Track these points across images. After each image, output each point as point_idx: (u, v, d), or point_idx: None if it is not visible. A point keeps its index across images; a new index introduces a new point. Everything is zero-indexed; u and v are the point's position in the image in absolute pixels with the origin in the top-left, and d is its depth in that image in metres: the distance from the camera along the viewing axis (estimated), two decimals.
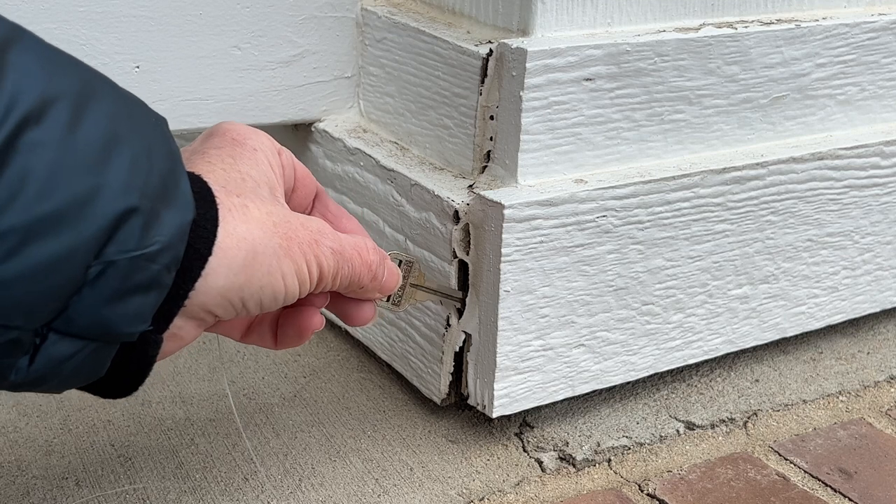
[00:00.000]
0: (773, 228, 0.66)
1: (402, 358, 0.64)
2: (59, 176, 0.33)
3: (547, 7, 0.57)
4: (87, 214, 0.34)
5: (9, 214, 0.32)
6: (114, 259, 0.35)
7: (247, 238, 0.40)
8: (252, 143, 0.45)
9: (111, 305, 0.36)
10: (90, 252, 0.34)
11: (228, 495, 0.55)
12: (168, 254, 0.37)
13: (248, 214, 0.41)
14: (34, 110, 0.33)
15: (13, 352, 0.34)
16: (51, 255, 0.33)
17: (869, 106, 0.70)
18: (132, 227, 0.35)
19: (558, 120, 0.57)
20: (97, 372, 0.38)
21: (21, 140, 0.32)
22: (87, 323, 0.35)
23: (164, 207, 0.37)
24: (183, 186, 0.38)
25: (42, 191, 0.33)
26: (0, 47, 0.33)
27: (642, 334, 0.63)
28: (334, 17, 0.67)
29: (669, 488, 0.58)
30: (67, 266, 0.34)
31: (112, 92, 0.37)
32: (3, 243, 0.32)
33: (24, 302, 0.33)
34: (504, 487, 0.58)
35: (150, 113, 0.39)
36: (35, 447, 0.58)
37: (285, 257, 0.43)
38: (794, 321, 0.70)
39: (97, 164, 0.34)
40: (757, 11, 0.65)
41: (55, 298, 0.34)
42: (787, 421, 0.66)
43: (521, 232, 0.55)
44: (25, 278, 0.33)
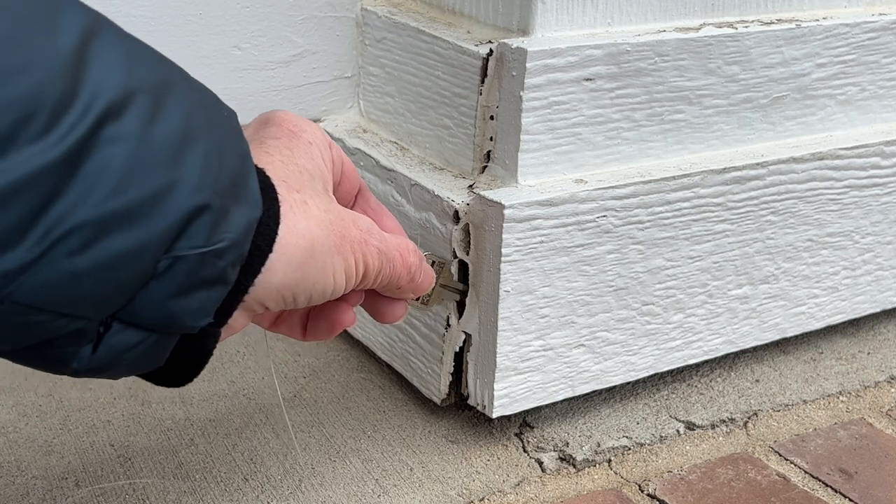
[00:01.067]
0: (774, 228, 0.66)
1: (402, 358, 0.64)
2: (136, 171, 0.33)
3: (547, 7, 0.57)
4: (160, 210, 0.34)
5: (86, 207, 0.32)
6: (183, 254, 0.35)
7: (306, 235, 0.41)
8: (307, 135, 0.45)
9: (177, 299, 0.36)
10: (161, 247, 0.34)
11: (228, 495, 0.55)
12: (235, 251, 0.37)
13: (307, 211, 0.41)
14: (115, 105, 0.33)
15: (78, 340, 0.35)
16: (123, 249, 0.33)
17: (869, 106, 0.70)
18: (202, 223, 0.35)
19: (558, 120, 0.57)
20: (157, 361, 0.38)
21: (102, 133, 0.32)
22: (152, 315, 0.36)
23: (234, 204, 0.37)
24: (252, 184, 0.38)
25: (118, 186, 0.33)
26: (83, 39, 0.33)
27: (642, 334, 0.63)
28: (334, 16, 0.67)
29: (669, 488, 0.58)
30: (138, 260, 0.34)
31: (188, 86, 0.37)
32: (77, 236, 0.32)
33: (93, 293, 0.33)
34: (504, 488, 0.57)
35: (223, 108, 0.39)
36: (35, 447, 0.58)
37: (338, 255, 0.43)
38: (795, 321, 0.70)
39: (172, 160, 0.34)
40: (757, 11, 0.65)
41: (123, 291, 0.34)
42: (787, 421, 0.66)
43: (522, 232, 0.55)
44: (97, 271, 0.33)
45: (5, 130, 0.30)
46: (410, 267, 0.49)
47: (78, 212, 0.32)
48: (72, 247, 0.32)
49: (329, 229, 0.42)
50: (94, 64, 0.33)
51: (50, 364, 0.36)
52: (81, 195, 0.32)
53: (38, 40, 0.31)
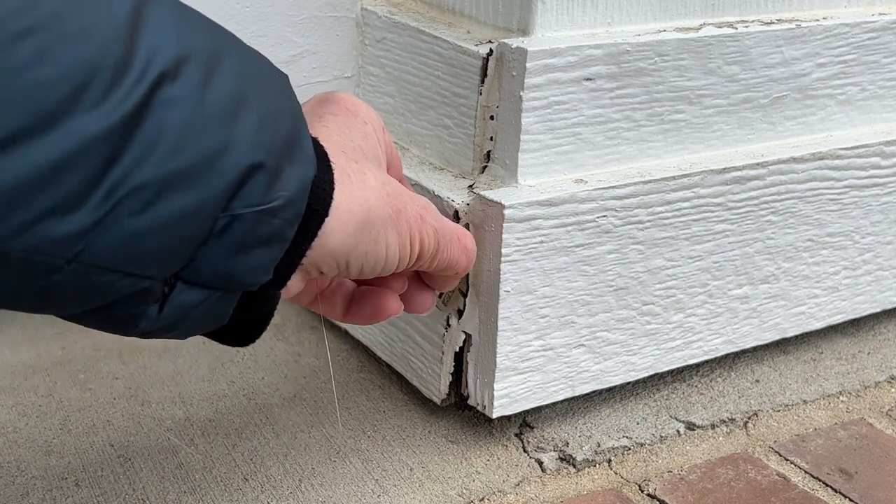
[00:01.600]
0: (774, 228, 0.65)
1: (402, 358, 0.64)
2: (192, 132, 0.34)
3: (547, 7, 0.57)
4: (217, 170, 0.35)
5: (145, 169, 0.33)
6: (240, 213, 0.36)
7: (363, 204, 0.42)
8: (363, 115, 0.46)
9: (236, 257, 0.37)
10: (218, 206, 0.35)
11: (228, 495, 0.55)
12: (290, 209, 0.38)
13: (365, 181, 0.42)
14: (170, 67, 0.34)
15: (145, 300, 0.36)
16: (182, 209, 0.34)
17: (869, 106, 0.70)
18: (258, 182, 0.36)
19: (558, 120, 0.57)
20: (221, 319, 0.40)
21: (157, 96, 0.33)
22: (213, 273, 0.37)
23: (288, 164, 0.38)
24: (305, 144, 0.39)
25: (176, 146, 0.34)
26: (136, 5, 0.34)
27: (642, 334, 0.63)
28: (334, 16, 0.67)
29: (670, 488, 0.58)
30: (197, 219, 0.35)
31: (240, 50, 0.38)
32: (138, 197, 0.33)
33: (156, 252, 0.35)
34: (504, 488, 0.57)
35: (275, 71, 0.40)
36: (34, 447, 0.58)
37: (392, 228, 0.44)
38: (795, 321, 0.70)
39: (227, 121, 0.35)
40: (757, 11, 0.65)
41: (184, 249, 0.36)
42: (787, 421, 0.66)
43: (522, 232, 0.55)
44: (158, 230, 0.34)
45: (65, 97, 0.31)
46: (469, 251, 0.50)
47: (138, 173, 0.33)
48: (133, 207, 0.33)
49: (386, 201, 0.43)
50: (148, 30, 0.33)
51: (119, 325, 0.37)
52: (140, 157, 0.33)
53: (93, 7, 0.32)
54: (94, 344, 0.70)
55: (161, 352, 0.69)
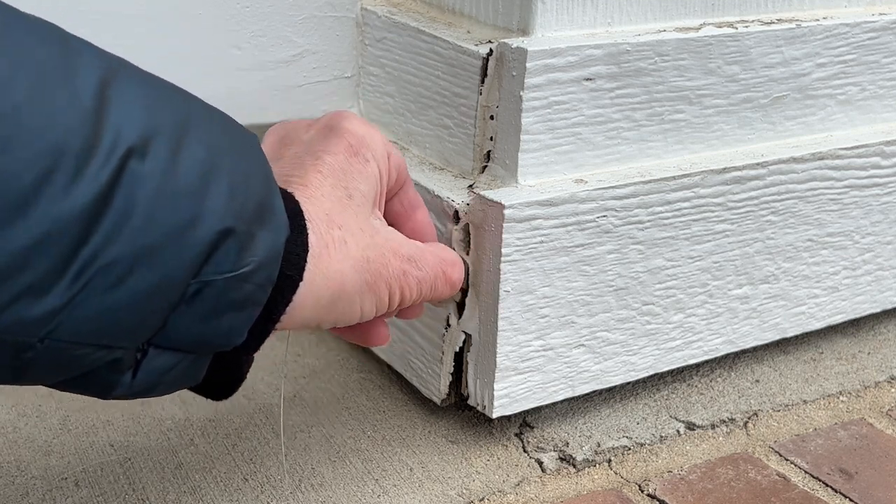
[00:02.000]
0: (774, 228, 0.65)
1: (401, 358, 0.64)
2: (162, 207, 0.34)
3: (547, 7, 0.57)
4: (188, 241, 0.35)
5: (115, 246, 0.33)
6: (211, 279, 0.36)
7: (337, 279, 0.43)
8: (366, 152, 0.46)
9: (208, 321, 0.37)
10: (189, 274, 0.36)
11: (228, 495, 0.55)
12: (261, 273, 0.38)
13: (345, 251, 0.43)
14: (137, 144, 0.34)
15: (119, 369, 0.37)
16: (154, 280, 0.35)
17: (869, 106, 0.70)
18: (228, 248, 0.37)
19: (558, 120, 0.57)
20: (194, 380, 0.40)
21: (125, 174, 0.33)
22: (185, 338, 0.37)
23: (259, 229, 0.38)
24: (277, 208, 0.39)
25: (145, 222, 0.34)
26: (101, 85, 0.34)
27: (642, 334, 0.63)
28: (334, 16, 0.67)
29: (670, 488, 0.58)
30: (169, 289, 0.35)
31: (208, 118, 0.38)
32: (109, 274, 0.34)
33: (128, 323, 0.35)
34: (504, 488, 0.57)
35: (244, 134, 0.40)
36: (34, 447, 0.58)
37: (369, 293, 0.45)
38: (795, 321, 0.70)
39: (197, 193, 0.36)
40: (757, 11, 0.65)
41: (156, 317, 0.36)
42: (787, 421, 0.66)
43: (522, 232, 0.55)
44: (130, 304, 0.35)
45: (34, 182, 0.31)
46: (455, 283, 0.51)
47: (108, 251, 0.33)
48: (104, 284, 0.34)
49: (365, 268, 0.44)
50: (114, 109, 0.34)
51: (94, 391, 0.38)
52: (110, 235, 0.33)
53: (58, 91, 0.33)
54: None
55: None
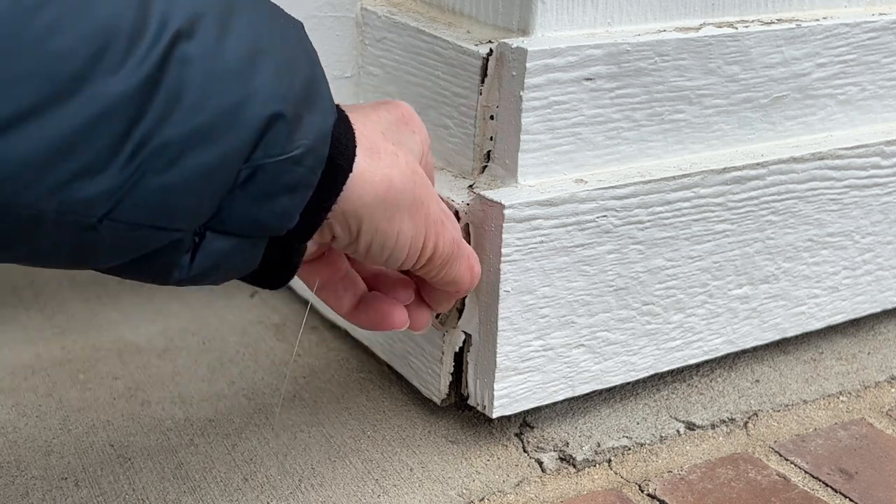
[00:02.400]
0: (774, 228, 0.65)
1: (402, 358, 0.64)
2: (211, 88, 0.35)
3: (547, 7, 0.57)
4: (237, 123, 0.36)
5: (167, 127, 0.34)
6: (262, 163, 0.37)
7: (385, 179, 0.43)
8: (415, 126, 0.47)
9: (261, 205, 0.38)
10: (241, 158, 0.37)
11: (228, 495, 0.55)
12: (312, 156, 0.39)
13: (395, 161, 0.43)
14: (185, 26, 0.35)
15: (177, 251, 0.38)
16: (206, 163, 0.36)
17: (869, 106, 0.70)
18: (278, 132, 0.37)
19: (558, 120, 0.57)
20: (251, 264, 0.41)
21: (174, 56, 0.34)
22: (240, 221, 0.38)
23: (307, 112, 0.39)
24: (324, 91, 0.40)
25: (196, 103, 0.35)
26: None
27: (642, 334, 0.63)
28: (334, 16, 0.67)
29: (670, 488, 0.58)
30: (221, 172, 0.36)
31: (252, 2, 0.39)
32: (163, 155, 0.35)
33: (183, 206, 0.36)
34: (504, 488, 0.57)
35: (289, 20, 0.41)
36: (34, 447, 0.58)
37: (409, 217, 0.45)
38: (795, 321, 0.70)
39: (244, 74, 0.36)
40: (757, 11, 0.65)
41: (210, 201, 0.37)
42: (787, 421, 0.66)
43: (522, 232, 0.55)
44: (184, 185, 0.35)
45: (84, 64, 0.32)
46: (474, 274, 0.51)
47: (161, 132, 0.34)
48: (159, 165, 0.34)
49: (411, 185, 0.44)
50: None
51: (154, 275, 0.39)
52: (162, 116, 0.34)
53: None
54: (93, 344, 0.70)
55: (161, 352, 0.69)
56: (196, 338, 0.71)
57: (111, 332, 0.71)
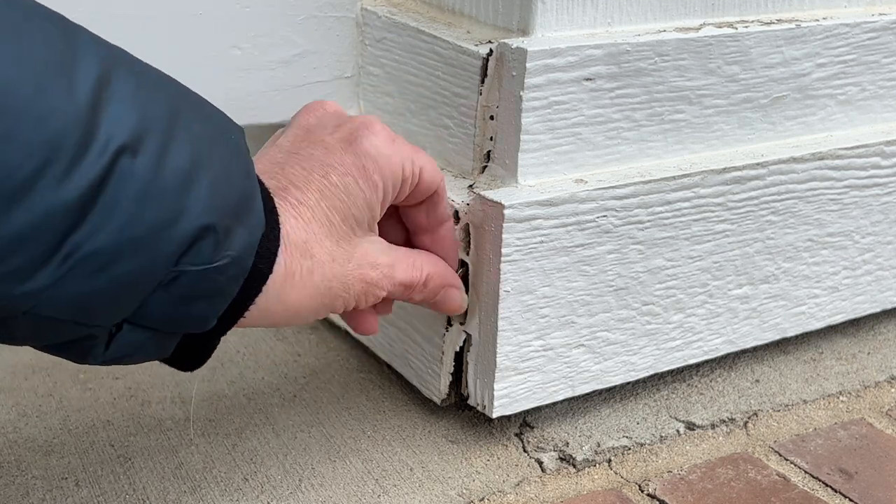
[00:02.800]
0: (774, 228, 0.65)
1: (402, 358, 0.64)
2: (147, 204, 0.36)
3: (547, 7, 0.57)
4: (168, 237, 0.37)
5: (99, 237, 0.36)
6: (186, 269, 0.39)
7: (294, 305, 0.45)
8: (377, 178, 0.48)
9: (180, 306, 0.40)
10: (168, 265, 0.38)
11: (228, 495, 0.55)
12: (235, 266, 0.40)
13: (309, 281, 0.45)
14: (129, 142, 0.36)
15: (92, 341, 0.39)
16: (133, 271, 0.37)
17: (869, 106, 0.70)
18: (207, 243, 0.39)
19: (558, 120, 0.57)
20: (163, 353, 0.43)
21: (116, 171, 0.35)
22: (158, 318, 0.40)
23: (237, 224, 0.40)
24: (256, 206, 0.42)
25: (130, 218, 0.36)
26: (98, 86, 0.36)
27: (642, 334, 0.63)
28: (334, 16, 0.67)
29: (670, 488, 0.58)
30: (146, 278, 0.38)
31: (198, 114, 0.40)
32: (92, 262, 0.36)
33: (105, 307, 0.38)
34: (504, 488, 0.57)
35: (230, 129, 0.42)
36: (35, 447, 0.58)
37: (324, 309, 0.48)
38: (795, 321, 0.70)
39: (180, 191, 0.38)
40: (757, 11, 0.65)
41: (133, 302, 0.39)
42: (787, 421, 0.66)
43: (522, 232, 0.55)
44: (108, 290, 0.37)
45: (31, 173, 0.33)
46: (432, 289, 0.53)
47: (92, 241, 0.35)
48: (87, 271, 0.36)
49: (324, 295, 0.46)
50: (109, 109, 0.36)
51: (71, 357, 0.41)
52: (97, 226, 0.35)
53: (57, 90, 0.34)
54: None
55: None
56: None
57: None
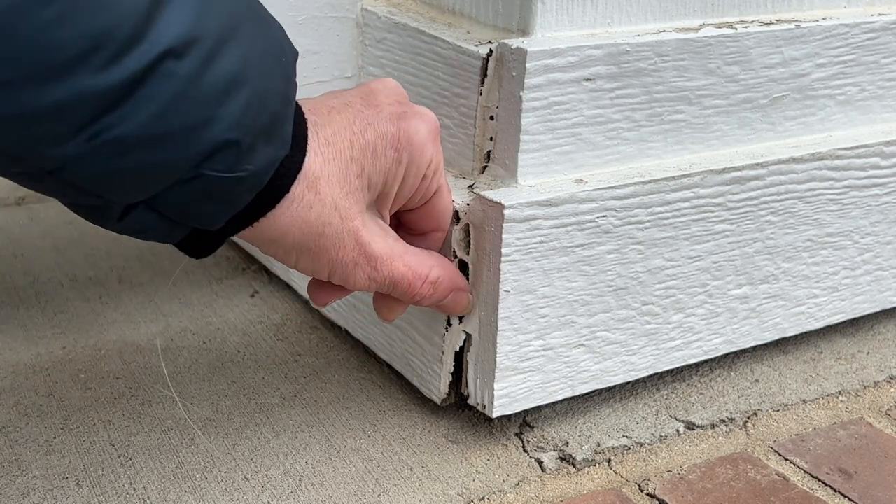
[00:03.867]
0: (773, 228, 0.66)
1: (402, 358, 0.64)
2: (180, 107, 0.38)
3: (547, 7, 0.57)
4: (193, 140, 0.39)
5: (128, 125, 0.37)
6: (206, 173, 0.40)
7: (286, 231, 0.46)
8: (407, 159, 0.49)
9: (194, 204, 0.42)
10: (189, 165, 0.40)
11: (229, 495, 0.55)
12: (251, 181, 0.42)
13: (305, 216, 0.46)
14: (177, 46, 0.37)
15: (109, 210, 0.42)
16: (155, 162, 0.39)
17: (869, 106, 0.70)
18: (229, 154, 0.40)
19: (558, 120, 0.57)
20: (172, 239, 0.45)
21: (159, 70, 0.37)
22: (171, 208, 0.42)
23: (263, 143, 0.42)
24: (285, 130, 0.43)
25: (162, 115, 0.38)
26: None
27: (642, 334, 0.63)
28: (334, 17, 0.67)
29: (669, 488, 0.58)
30: (166, 171, 0.40)
31: (254, 30, 0.42)
32: (119, 144, 0.38)
33: (123, 187, 0.40)
34: (504, 487, 0.58)
35: (284, 51, 0.44)
36: (35, 447, 0.58)
37: (307, 257, 0.48)
38: (794, 321, 0.70)
39: (216, 100, 0.39)
40: (757, 11, 0.65)
41: (150, 190, 0.41)
42: (787, 421, 0.66)
43: (521, 232, 0.55)
44: (129, 173, 0.39)
45: (73, 56, 0.35)
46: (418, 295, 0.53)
47: (124, 125, 0.37)
48: (111, 152, 0.38)
49: (313, 240, 0.47)
50: (166, 12, 0.37)
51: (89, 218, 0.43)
52: (129, 114, 0.37)
53: None
54: (94, 344, 0.70)
55: (162, 351, 0.69)
56: (197, 337, 0.71)
57: (112, 331, 0.71)
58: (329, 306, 0.70)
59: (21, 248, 0.84)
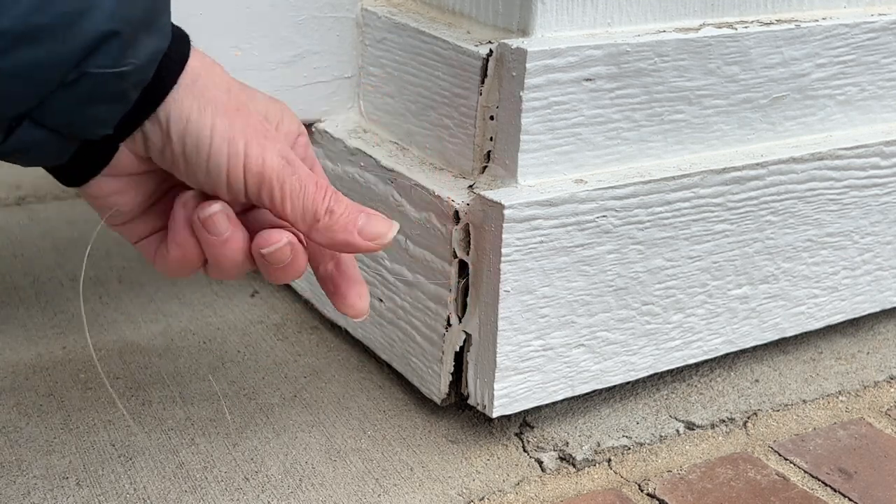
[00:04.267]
0: (773, 228, 0.66)
1: (401, 358, 0.64)
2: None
3: (547, 7, 0.57)
4: (73, 31, 0.38)
5: (6, 18, 0.36)
6: (91, 71, 0.40)
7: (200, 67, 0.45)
8: (283, 128, 0.49)
9: (82, 108, 0.41)
10: (71, 62, 0.39)
11: (229, 495, 0.55)
12: (137, 75, 0.41)
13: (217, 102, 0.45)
14: None
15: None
16: (36, 59, 0.38)
17: (869, 106, 0.70)
18: (112, 47, 0.40)
19: (558, 120, 0.57)
20: (60, 159, 0.43)
21: None
22: (58, 118, 0.41)
23: (145, 35, 0.41)
24: (164, 20, 0.43)
25: (37, 4, 0.37)
26: None
27: (642, 334, 0.63)
28: (334, 17, 0.67)
29: (669, 488, 0.58)
30: (49, 70, 0.39)
31: None
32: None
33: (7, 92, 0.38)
34: (504, 487, 0.58)
35: None
36: (36, 447, 0.58)
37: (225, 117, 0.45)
38: (794, 321, 0.70)
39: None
40: (757, 12, 0.65)
41: (34, 95, 0.39)
42: (786, 421, 0.66)
43: (521, 232, 0.55)
44: (11, 73, 0.38)
45: None
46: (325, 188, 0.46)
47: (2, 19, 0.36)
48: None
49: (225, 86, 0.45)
50: None
51: None
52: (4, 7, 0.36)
53: None
54: (95, 344, 0.70)
55: (162, 351, 0.69)
56: (197, 337, 0.71)
57: (112, 331, 0.71)
58: (329, 306, 0.70)
59: (21, 248, 0.84)
